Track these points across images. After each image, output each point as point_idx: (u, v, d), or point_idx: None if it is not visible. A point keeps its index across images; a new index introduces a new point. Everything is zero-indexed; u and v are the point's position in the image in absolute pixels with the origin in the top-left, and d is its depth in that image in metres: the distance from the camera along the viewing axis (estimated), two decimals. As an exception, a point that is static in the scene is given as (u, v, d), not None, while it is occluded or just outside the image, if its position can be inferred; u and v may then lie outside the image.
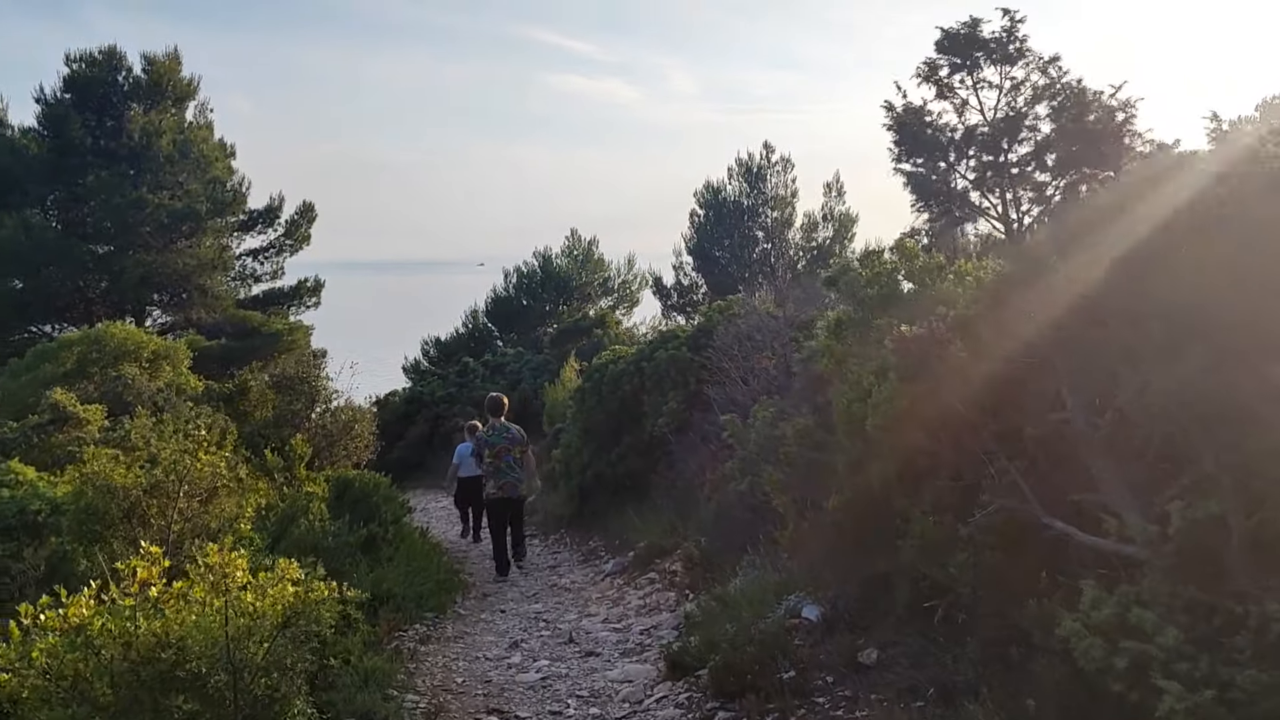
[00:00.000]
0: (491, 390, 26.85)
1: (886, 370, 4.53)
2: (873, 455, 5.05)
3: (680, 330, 12.52)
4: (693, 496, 10.05)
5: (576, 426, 12.88)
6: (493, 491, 10.01)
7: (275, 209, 26.01)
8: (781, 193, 30.52)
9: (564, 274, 36.71)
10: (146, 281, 22.61)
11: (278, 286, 27.38)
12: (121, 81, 24.48)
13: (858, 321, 5.60)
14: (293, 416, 12.40)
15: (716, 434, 10.21)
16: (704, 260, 30.53)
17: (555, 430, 16.90)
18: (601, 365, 12.50)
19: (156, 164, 22.66)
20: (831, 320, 6.13)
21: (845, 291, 6.40)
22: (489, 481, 10.04)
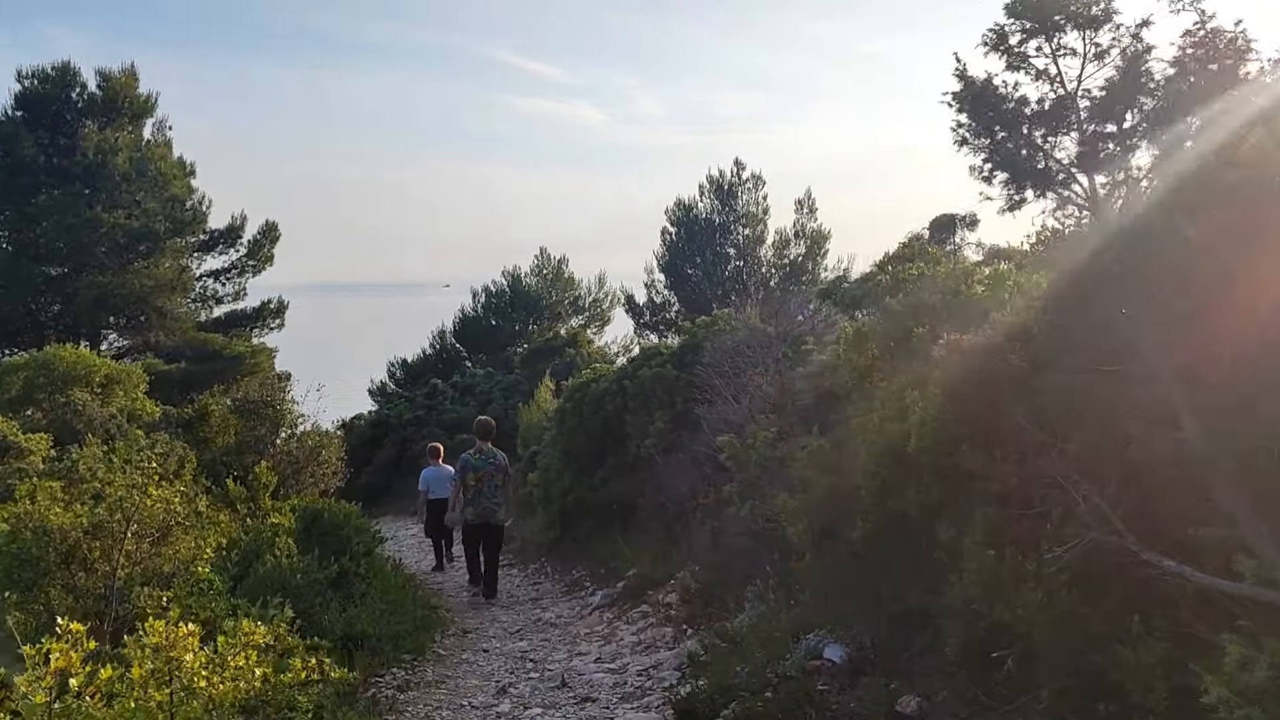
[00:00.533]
0: (462, 412, 26.16)
1: (930, 383, 4.03)
2: (909, 479, 4.55)
3: (664, 347, 12.01)
4: (685, 522, 9.51)
5: (556, 449, 12.30)
6: (470, 518, 9.84)
7: (237, 229, 25.25)
8: (753, 210, 30.17)
9: (533, 293, 36.13)
10: (101, 303, 21.75)
11: (240, 308, 26.60)
12: (75, 98, 23.69)
13: (885, 332, 5.10)
14: (256, 442, 11.73)
15: (708, 455, 9.70)
16: (676, 278, 30.07)
17: (531, 453, 16.29)
18: (582, 384, 11.94)
19: (112, 182, 21.85)
20: (849, 332, 5.64)
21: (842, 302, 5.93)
22: (467, 507, 9.82)
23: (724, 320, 11.62)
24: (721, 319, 11.66)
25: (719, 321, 11.61)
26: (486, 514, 9.75)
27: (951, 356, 3.72)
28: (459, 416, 26.16)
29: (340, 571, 7.76)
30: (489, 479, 9.77)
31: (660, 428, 10.60)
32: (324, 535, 8.23)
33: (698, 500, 9.46)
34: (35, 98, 23.21)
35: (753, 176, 30.30)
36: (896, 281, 5.22)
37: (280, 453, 11.44)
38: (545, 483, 12.42)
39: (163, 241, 21.69)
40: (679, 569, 8.76)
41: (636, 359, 11.91)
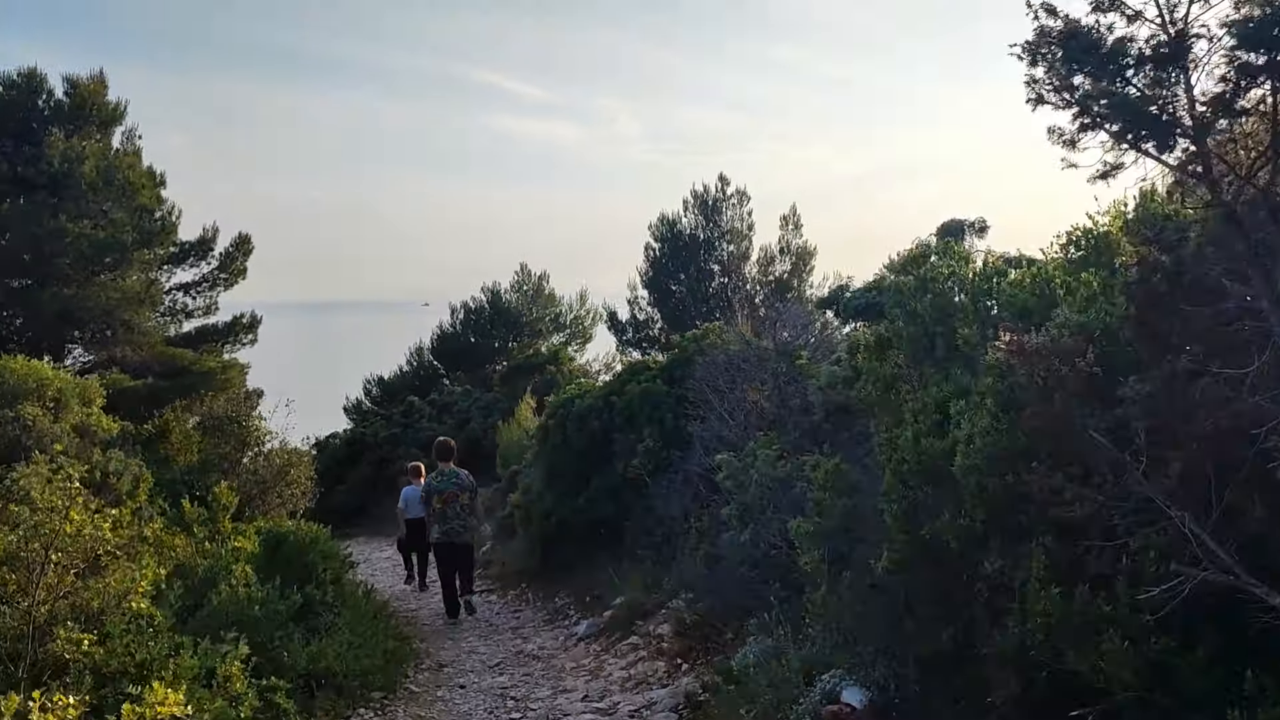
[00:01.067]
0: (439, 431, 25.54)
1: (982, 393, 3.48)
2: (946, 502, 4.00)
3: (653, 362, 11.46)
4: (676, 546, 8.93)
5: (538, 468, 11.70)
6: (438, 537, 9.98)
7: (209, 241, 24.49)
8: (738, 225, 29.73)
9: (514, 310, 35.51)
10: (65, 317, 20.96)
11: (211, 323, 25.78)
12: (42, 105, 22.97)
13: (912, 337, 4.56)
14: (221, 461, 11.06)
15: (702, 475, 9.14)
16: (660, 294, 29.55)
17: (512, 473, 15.68)
18: (566, 400, 11.36)
19: (78, 192, 21.09)
20: (868, 338, 5.09)
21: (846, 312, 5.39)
22: (434, 527, 10.01)
23: (715, 334, 11.09)
24: (713, 332, 11.13)
25: (710, 335, 11.07)
26: (453, 534, 9.88)
27: (1012, 360, 3.19)
28: (436, 435, 25.51)
29: (305, 601, 7.13)
30: (454, 499, 9.90)
31: (649, 446, 10.04)
32: (288, 561, 7.60)
33: (690, 523, 8.90)
34: (0, 105, 22.49)
35: (737, 192, 29.90)
36: (923, 282, 4.66)
37: (246, 472, 10.77)
38: (526, 504, 11.81)
39: (130, 253, 20.92)
40: (671, 597, 8.17)
41: (624, 374, 11.35)
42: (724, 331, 11.22)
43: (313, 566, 7.63)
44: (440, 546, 10.01)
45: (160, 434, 11.22)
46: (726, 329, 11.38)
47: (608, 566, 9.84)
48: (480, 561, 13.50)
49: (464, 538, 10.00)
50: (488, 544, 14.14)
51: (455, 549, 9.98)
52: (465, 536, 10.00)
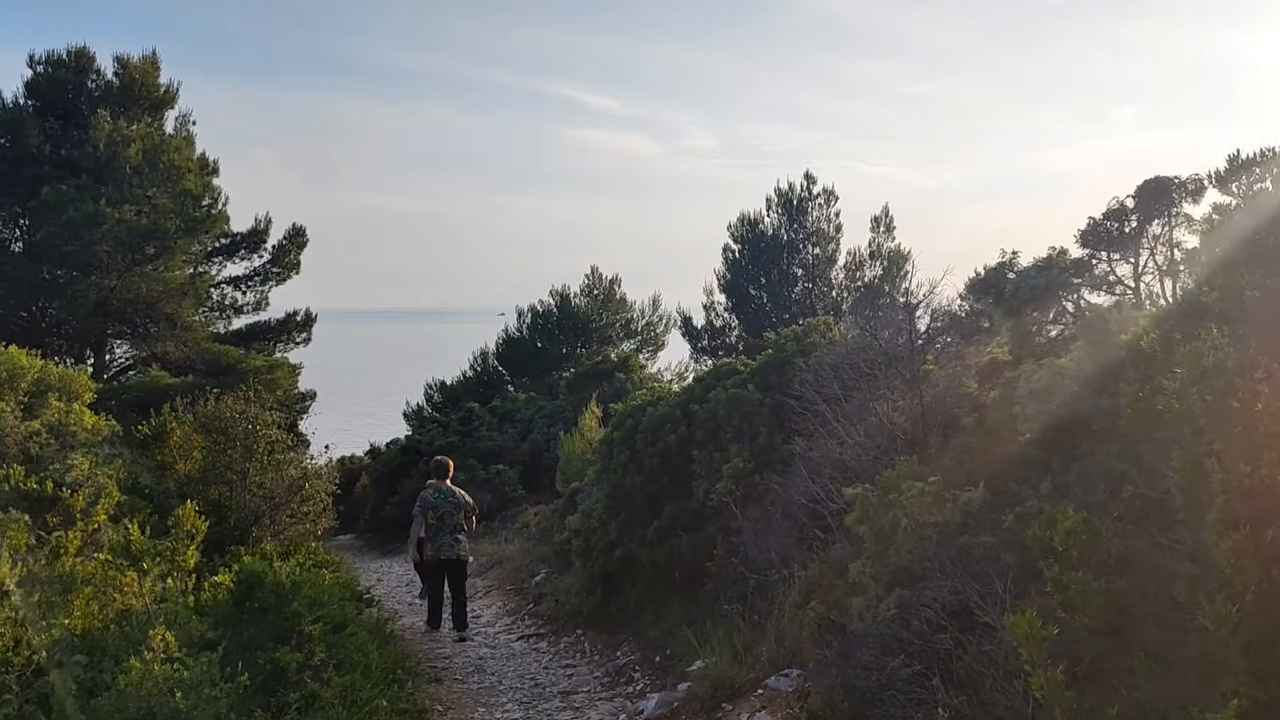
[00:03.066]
0: (500, 440, 23.74)
1: None
2: None
3: (742, 363, 9.40)
4: (774, 600, 6.87)
5: (601, 489, 9.73)
6: (430, 552, 9.88)
7: (260, 232, 23.15)
8: (824, 227, 27.53)
9: (583, 314, 33.75)
10: (104, 308, 19.65)
11: (263, 320, 24.47)
12: (92, 86, 21.83)
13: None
14: (225, 470, 9.30)
15: (808, 507, 7.07)
16: (738, 299, 27.46)
17: (572, 491, 13.74)
18: (635, 409, 9.37)
19: (122, 176, 19.81)
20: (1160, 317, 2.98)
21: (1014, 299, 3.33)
22: (428, 543, 9.90)
23: (821, 329, 9.01)
24: (816, 328, 9.04)
25: (813, 332, 8.99)
26: (445, 550, 9.83)
27: None
28: (495, 445, 23.74)
29: (275, 671, 5.23)
30: (449, 516, 9.91)
31: (738, 467, 7.98)
32: (262, 612, 5.71)
33: (794, 571, 6.83)
34: (47, 84, 21.38)
35: (824, 191, 27.72)
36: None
37: (253, 485, 8.99)
38: (585, 531, 9.83)
39: (172, 241, 19.56)
40: (771, 672, 6.11)
41: (706, 378, 9.32)
42: (831, 327, 9.14)
43: (294, 620, 5.73)
44: (432, 563, 9.96)
45: (156, 436, 9.51)
46: (834, 323, 9.29)
47: (683, 618, 7.82)
48: (531, 593, 11.60)
49: (458, 552, 9.92)
50: (541, 574, 12.21)
51: (451, 565, 9.94)
52: (458, 552, 9.93)
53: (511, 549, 15.23)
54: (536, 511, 17.79)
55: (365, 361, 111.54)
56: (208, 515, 9.31)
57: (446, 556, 9.82)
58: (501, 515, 20.26)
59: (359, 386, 74.85)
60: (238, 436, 9.08)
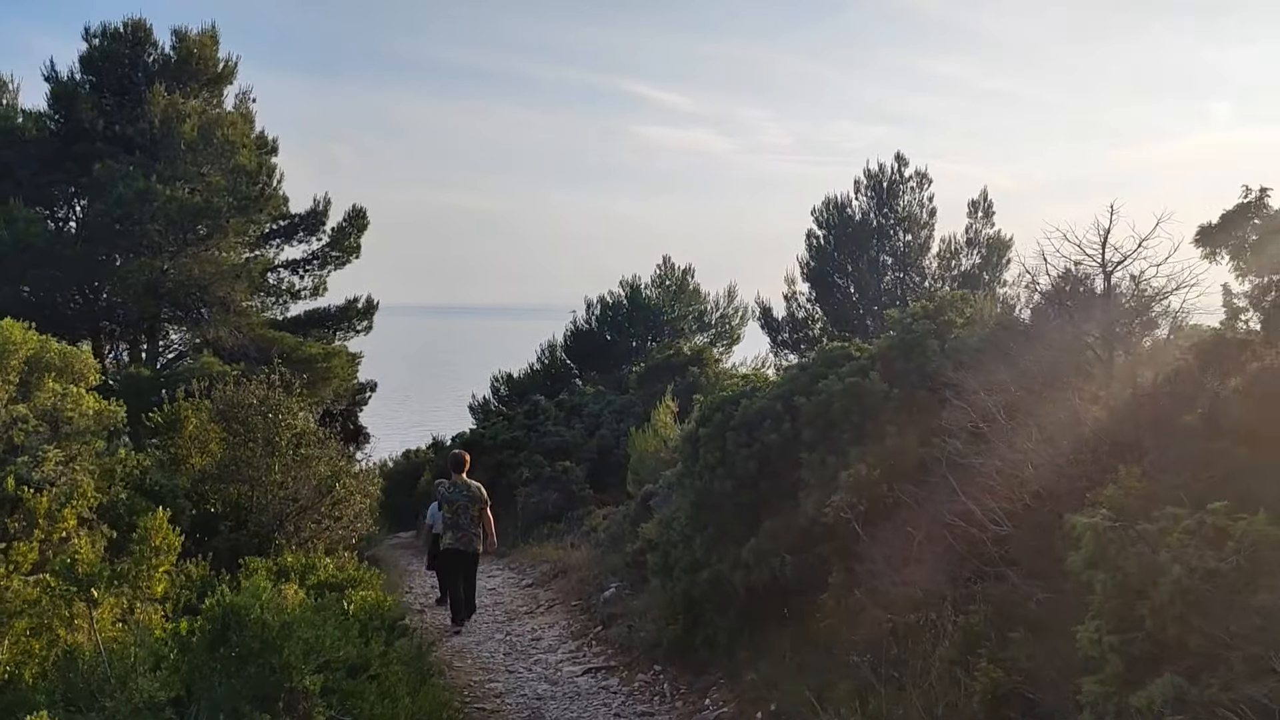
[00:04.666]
0: (566, 435, 22.35)
1: None
2: None
3: (855, 347, 7.75)
4: (919, 650, 5.25)
5: (684, 496, 8.15)
6: (449, 542, 10.20)
7: (319, 214, 22.04)
8: (916, 212, 25.56)
9: (654, 306, 32.23)
10: (155, 291, 18.66)
11: (322, 307, 23.38)
12: (149, 61, 20.90)
13: None
14: (245, 467, 7.94)
15: (961, 529, 5.43)
16: (823, 288, 25.64)
17: (645, 494, 12.20)
18: (727, 401, 7.78)
19: (175, 152, 18.79)
20: None
21: None
22: (446, 533, 10.23)
23: (958, 304, 7.32)
24: (953, 302, 7.36)
25: (948, 307, 7.31)
26: (462, 542, 10.10)
27: None
28: (563, 440, 22.33)
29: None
30: (464, 509, 10.12)
31: (860, 475, 6.34)
32: (241, 660, 4.26)
33: (945, 616, 5.20)
34: (103, 58, 20.52)
35: (916, 174, 25.74)
36: None
37: (272, 484, 7.61)
38: (664, 544, 8.28)
39: (224, 219, 18.49)
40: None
41: (813, 365, 7.67)
42: (970, 301, 7.44)
43: (286, 672, 4.28)
44: (449, 553, 10.27)
45: (169, 425, 8.20)
46: (973, 296, 7.58)
47: (791, 663, 6.24)
48: (600, 613, 10.11)
49: (473, 545, 10.15)
50: (610, 590, 10.72)
51: (463, 556, 10.19)
52: (474, 544, 10.16)
53: (577, 556, 13.77)
54: (605, 514, 16.30)
55: (432, 357, 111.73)
56: (225, 518, 7.97)
57: (464, 548, 10.08)
58: (568, 516, 18.82)
59: (424, 381, 74.53)
60: (258, 428, 7.72)
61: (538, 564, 15.23)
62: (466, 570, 10.31)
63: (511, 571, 15.61)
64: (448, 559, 10.39)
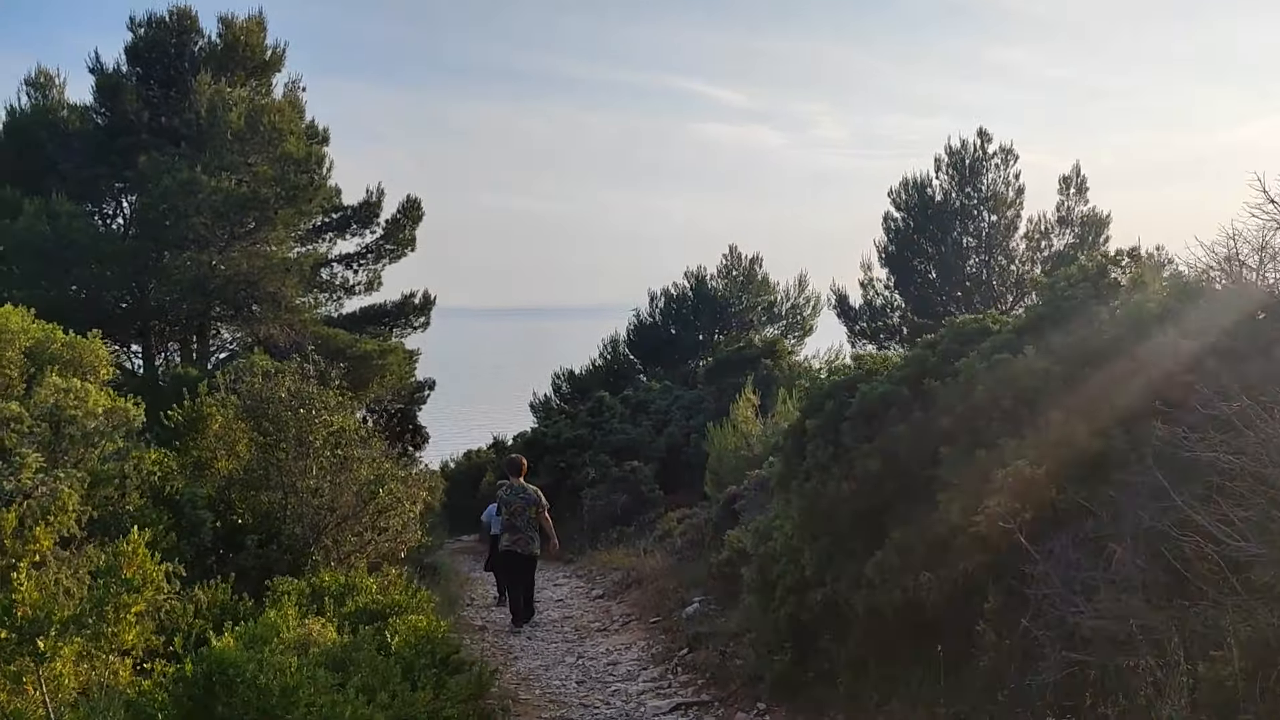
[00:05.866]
0: (633, 433, 21.19)
1: None
2: None
3: (992, 319, 6.42)
4: (1121, 699, 3.93)
5: (787, 501, 6.87)
6: (505, 544, 10.24)
7: (373, 205, 21.16)
8: (1001, 190, 23.92)
9: (720, 297, 30.98)
10: (202, 287, 17.86)
11: (377, 303, 22.52)
12: (195, 49, 20.15)
13: None
14: (276, 471, 6.86)
15: (1181, 542, 4.10)
16: (903, 273, 24.13)
17: (729, 497, 10.95)
18: (838, 387, 6.50)
19: (222, 142, 17.97)
20: None
21: None
22: (504, 535, 10.29)
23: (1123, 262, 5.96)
24: (1117, 260, 5.99)
25: (1113, 266, 5.94)
26: (519, 544, 10.12)
27: None
28: (629, 439, 21.15)
29: None
30: (521, 512, 10.14)
31: (1024, 474, 5.03)
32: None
33: (1170, 659, 3.87)
34: (147, 47, 19.82)
35: (1001, 150, 24.10)
36: None
37: (305, 491, 6.52)
38: (762, 558, 7.03)
39: (273, 210, 17.62)
40: None
41: (944, 340, 6.36)
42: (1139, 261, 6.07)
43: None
44: (506, 555, 10.33)
45: (190, 424, 7.16)
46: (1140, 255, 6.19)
47: (945, 713, 4.95)
48: (684, 633, 8.89)
49: (530, 548, 10.17)
50: (694, 605, 9.50)
51: (520, 559, 10.23)
52: (532, 547, 10.18)
53: (652, 564, 12.57)
54: (680, 517, 15.08)
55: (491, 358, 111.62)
56: (253, 530, 6.91)
57: (521, 551, 10.09)
58: (638, 519, 17.61)
59: (484, 382, 74.09)
60: (289, 425, 6.63)
61: (607, 572, 14.06)
62: (524, 572, 10.41)
63: (579, 580, 14.47)
64: (505, 560, 10.51)
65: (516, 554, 10.15)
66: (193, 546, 6.41)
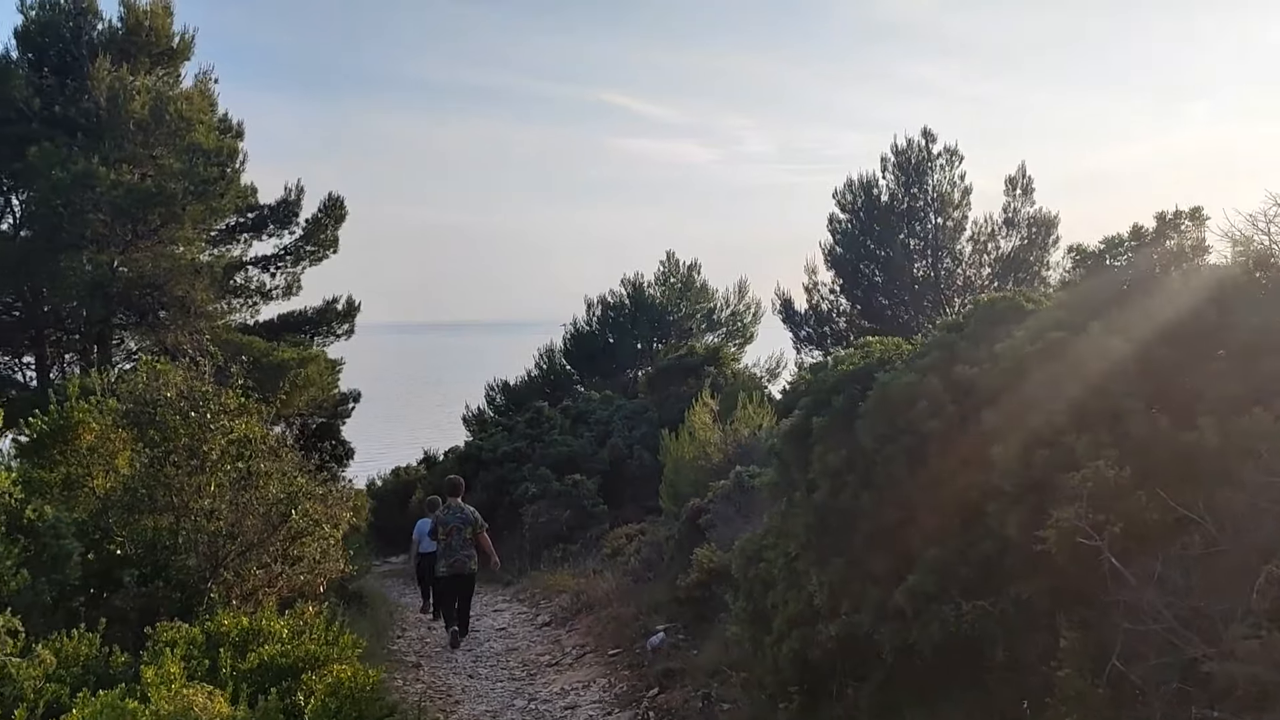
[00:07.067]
0: (574, 445, 20.02)
1: None
2: None
3: (1025, 296, 5.46)
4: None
5: (791, 518, 5.80)
6: (443, 570, 10.14)
7: (291, 204, 19.71)
8: (947, 191, 23.37)
9: (659, 305, 29.99)
10: (103, 290, 16.26)
11: (298, 310, 21.02)
12: (96, 35, 18.53)
13: None
14: (164, 490, 5.58)
15: None
16: (849, 277, 23.40)
17: (693, 511, 9.86)
18: (849, 376, 5.47)
19: (123, 133, 16.43)
20: None
21: None
22: (440, 560, 10.19)
23: (1173, 222, 5.04)
24: (1173, 221, 5.07)
25: (1168, 228, 5.02)
26: (458, 566, 10.08)
27: None
28: (571, 451, 19.97)
29: None
30: (457, 532, 10.08)
31: (1106, 479, 4.04)
32: None
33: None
34: (41, 31, 18.16)
35: (946, 150, 23.53)
36: None
37: (198, 513, 5.26)
38: (753, 583, 5.95)
39: (180, 206, 16.10)
40: None
41: (972, 321, 5.37)
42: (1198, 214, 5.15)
43: None
44: (444, 579, 10.24)
45: (56, 434, 5.85)
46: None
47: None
48: (651, 668, 7.77)
49: (468, 568, 10.15)
50: (659, 635, 8.39)
51: (459, 580, 10.20)
52: (469, 566, 10.16)
53: (603, 586, 11.42)
54: (630, 533, 13.97)
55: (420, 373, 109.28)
56: (136, 564, 5.63)
57: (458, 571, 10.07)
58: (583, 536, 16.46)
59: (415, 397, 72.06)
60: (179, 432, 5.38)
61: (553, 595, 12.87)
62: (462, 593, 10.37)
63: (522, 605, 13.24)
64: (441, 584, 10.47)
65: (456, 575, 10.12)
66: (54, 586, 5.12)
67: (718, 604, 7.42)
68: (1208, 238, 5.19)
